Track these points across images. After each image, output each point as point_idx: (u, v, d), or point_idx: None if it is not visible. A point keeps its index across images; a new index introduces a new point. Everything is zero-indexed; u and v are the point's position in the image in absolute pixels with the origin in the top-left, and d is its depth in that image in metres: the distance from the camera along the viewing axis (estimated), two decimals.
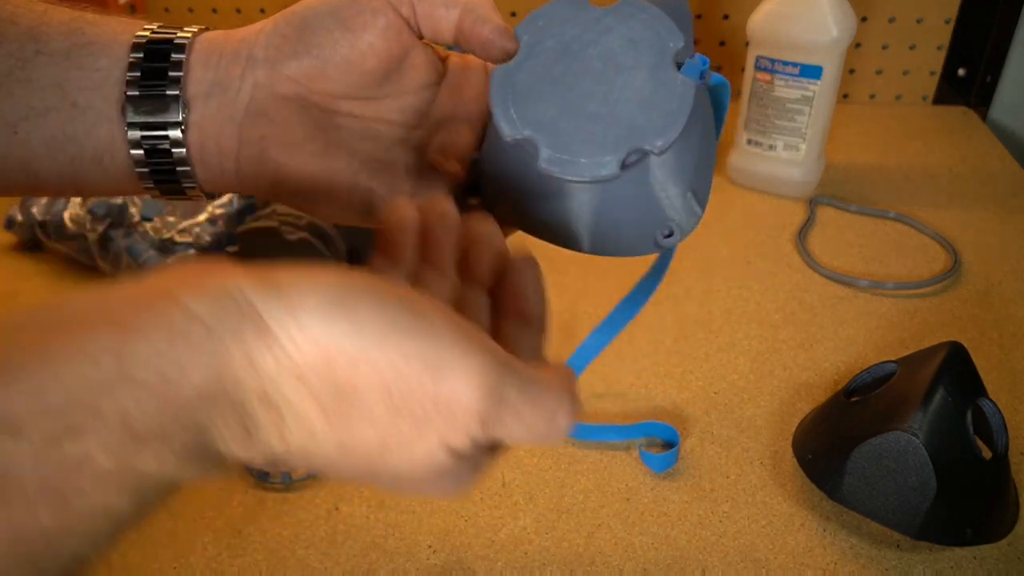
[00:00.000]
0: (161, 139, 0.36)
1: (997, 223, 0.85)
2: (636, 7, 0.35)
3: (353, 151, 0.39)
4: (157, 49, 0.37)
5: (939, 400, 0.51)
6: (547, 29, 0.36)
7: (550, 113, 0.35)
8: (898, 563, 0.52)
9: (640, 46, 0.35)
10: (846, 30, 0.81)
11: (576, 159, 0.34)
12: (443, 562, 0.52)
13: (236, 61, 0.37)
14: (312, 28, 0.37)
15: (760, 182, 0.90)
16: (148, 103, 0.36)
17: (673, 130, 0.34)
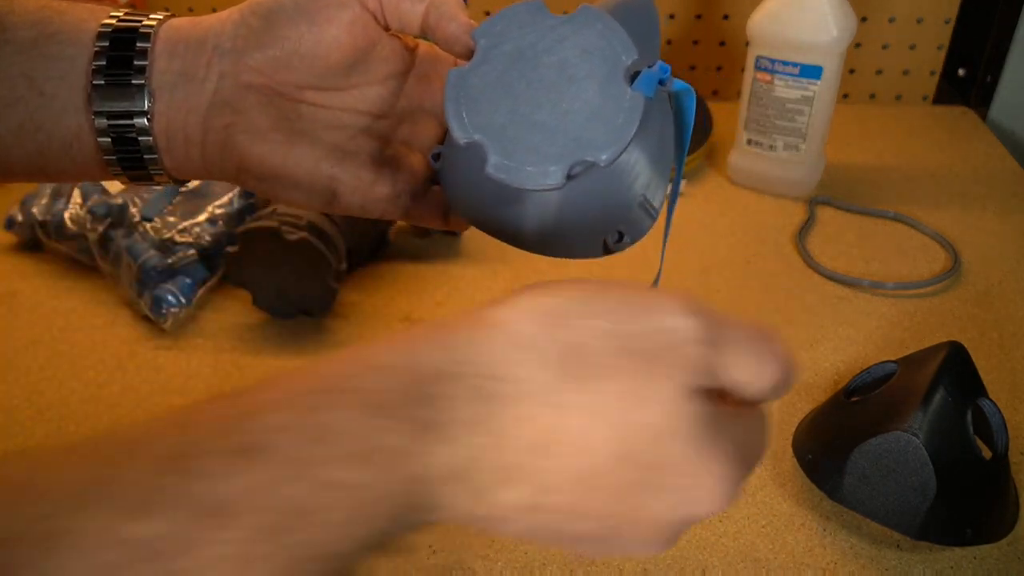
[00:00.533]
0: (127, 127, 0.37)
1: (997, 223, 0.85)
2: (593, 16, 0.36)
3: (317, 140, 0.39)
4: (122, 38, 0.37)
5: (939, 400, 0.51)
6: (504, 34, 0.36)
7: (500, 119, 0.35)
8: (898, 563, 0.52)
9: (593, 57, 0.35)
10: (846, 30, 0.81)
11: (523, 167, 0.35)
12: (443, 562, 0.52)
13: (202, 51, 0.37)
14: (278, 20, 0.37)
15: (760, 182, 0.90)
16: (114, 92, 0.37)
17: (619, 144, 0.34)
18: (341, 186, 0.40)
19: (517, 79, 0.36)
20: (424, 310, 0.73)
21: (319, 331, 0.71)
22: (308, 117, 0.39)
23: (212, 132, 0.38)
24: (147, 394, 0.65)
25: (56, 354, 0.69)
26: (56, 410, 0.64)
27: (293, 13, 0.37)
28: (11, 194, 0.86)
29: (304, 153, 0.39)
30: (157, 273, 0.71)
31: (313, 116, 0.40)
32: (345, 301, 0.74)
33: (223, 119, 0.38)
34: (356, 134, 0.41)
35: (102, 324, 0.72)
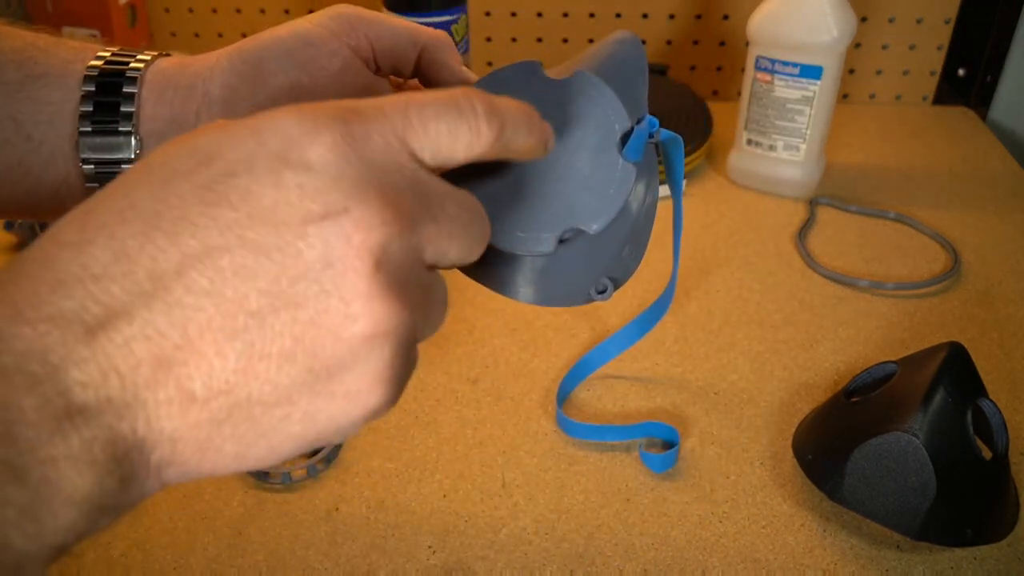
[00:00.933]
0: (115, 175, 0.36)
1: (997, 223, 0.85)
2: (588, 83, 0.36)
3: None
4: (109, 82, 0.36)
5: (939, 400, 0.51)
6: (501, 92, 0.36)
7: (493, 185, 0.36)
8: (898, 564, 0.52)
9: (588, 125, 0.36)
10: (846, 30, 0.81)
11: (514, 232, 0.35)
12: (443, 562, 0.52)
13: (191, 97, 0.37)
14: (268, 70, 0.37)
15: (760, 182, 0.90)
16: (101, 139, 0.36)
17: (609, 213, 0.35)
18: None
19: None
20: None
21: None
22: None
23: None
24: None
25: None
26: None
27: (284, 62, 0.37)
28: None
29: None
30: None
31: None
32: None
33: None
34: None
35: None
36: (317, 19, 0.38)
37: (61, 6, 0.97)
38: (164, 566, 0.52)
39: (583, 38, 1.07)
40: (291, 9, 1.08)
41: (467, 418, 0.63)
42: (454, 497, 0.57)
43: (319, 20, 0.38)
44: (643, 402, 0.64)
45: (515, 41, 1.08)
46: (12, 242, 0.82)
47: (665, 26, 1.06)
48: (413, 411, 0.63)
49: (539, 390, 0.65)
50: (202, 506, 0.56)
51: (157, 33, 1.10)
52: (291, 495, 0.57)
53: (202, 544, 0.53)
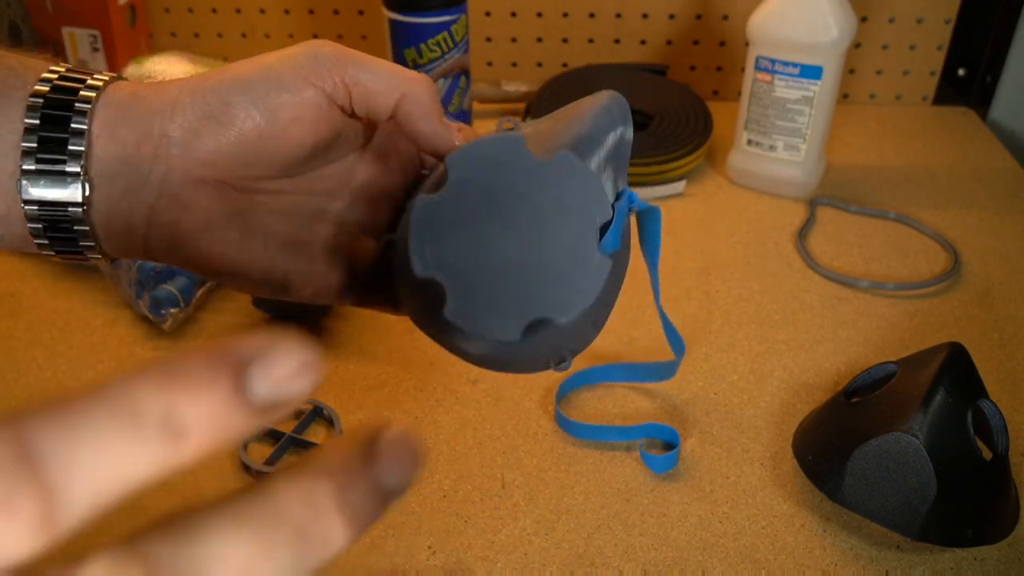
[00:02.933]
0: (61, 217, 0.33)
1: (997, 223, 0.85)
2: (572, 166, 0.34)
3: (270, 235, 0.37)
4: (55, 116, 0.32)
5: (939, 401, 0.51)
6: (479, 168, 0.35)
7: (464, 263, 0.35)
8: (898, 564, 0.52)
9: (568, 213, 0.35)
10: (846, 30, 0.81)
11: (480, 316, 0.34)
12: (443, 562, 0.52)
13: (147, 137, 0.34)
14: (236, 115, 0.34)
15: (760, 182, 0.90)
16: (46, 178, 0.32)
17: (581, 306, 0.34)
18: (295, 280, 0.37)
19: (485, 221, 0.35)
20: None
21: (319, 331, 0.71)
22: (262, 208, 0.37)
23: (158, 227, 0.35)
24: None
25: (56, 354, 0.69)
26: None
27: (251, 108, 0.34)
28: None
29: (257, 251, 0.36)
30: (156, 274, 0.71)
31: (268, 205, 0.37)
32: None
33: (171, 215, 0.34)
34: (310, 220, 0.38)
35: (102, 324, 0.72)
36: (291, 59, 0.35)
37: (61, 6, 0.97)
38: None
39: (583, 38, 1.07)
40: (291, 9, 1.08)
41: (467, 418, 0.63)
42: (454, 497, 0.57)
43: (293, 60, 0.35)
44: (643, 402, 0.64)
45: (515, 41, 1.08)
46: None
47: (665, 26, 1.05)
48: (413, 411, 0.63)
49: (539, 390, 0.65)
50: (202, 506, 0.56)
51: (157, 33, 1.10)
52: None
53: None
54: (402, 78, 0.36)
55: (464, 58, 0.90)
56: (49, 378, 0.67)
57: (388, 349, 0.69)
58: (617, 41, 1.07)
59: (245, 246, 0.36)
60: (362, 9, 1.07)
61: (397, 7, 0.86)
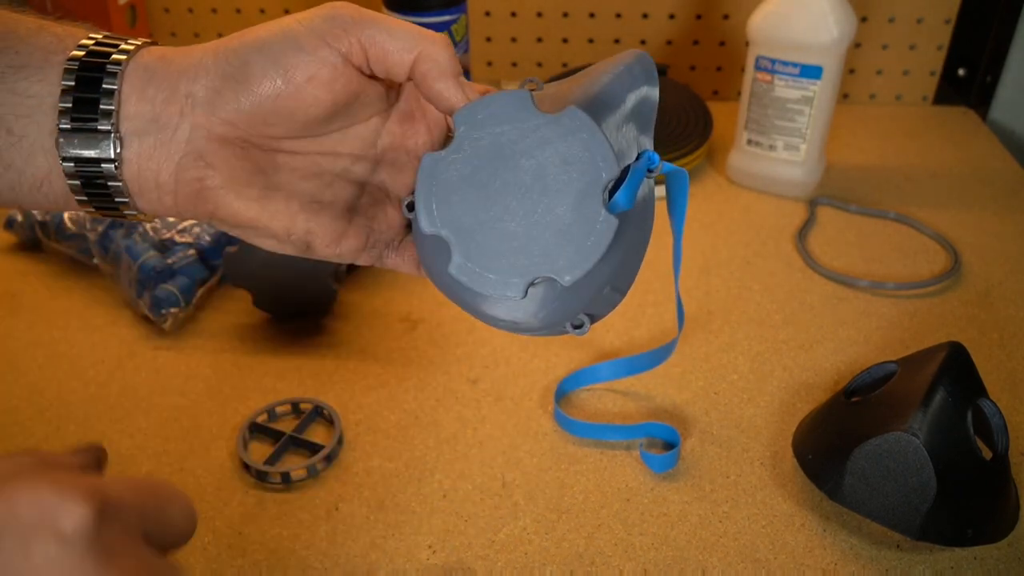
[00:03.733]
0: (96, 174, 0.35)
1: (997, 223, 0.85)
2: (579, 123, 0.34)
3: (292, 193, 0.38)
4: (89, 77, 0.35)
5: (939, 400, 0.51)
6: (486, 124, 0.35)
7: (469, 219, 0.35)
8: (898, 564, 0.52)
9: (573, 169, 0.34)
10: (846, 30, 0.81)
11: (485, 273, 0.34)
12: (443, 562, 0.52)
13: (174, 97, 0.35)
14: (253, 74, 0.35)
15: (760, 182, 0.90)
16: (81, 136, 0.35)
17: (584, 266, 0.34)
18: (316, 239, 0.38)
19: (491, 178, 0.35)
20: (424, 310, 0.73)
21: (319, 331, 0.71)
22: (285, 167, 0.38)
23: (184, 183, 0.36)
24: (146, 394, 0.65)
25: (56, 354, 0.69)
26: (56, 410, 0.64)
27: (270, 68, 0.35)
28: None
29: (279, 208, 0.37)
30: (156, 273, 0.71)
31: (290, 165, 0.38)
32: (345, 301, 0.74)
33: (196, 171, 0.36)
34: (333, 180, 0.39)
35: (102, 324, 0.72)
36: (308, 20, 0.36)
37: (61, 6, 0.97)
38: None
39: (583, 38, 1.07)
40: (291, 9, 1.08)
41: (467, 418, 0.63)
42: (454, 497, 0.57)
43: (310, 22, 0.36)
44: (643, 402, 0.64)
45: (515, 41, 1.08)
46: (12, 242, 0.82)
47: (665, 26, 1.06)
48: (413, 411, 0.63)
49: (539, 390, 0.65)
50: (202, 506, 0.56)
51: (157, 33, 1.10)
52: (291, 495, 0.57)
53: (202, 544, 0.53)
54: (418, 37, 0.36)
55: (464, 58, 0.90)
56: (49, 378, 0.67)
57: (388, 349, 0.69)
58: (617, 41, 1.07)
59: (267, 204, 0.37)
60: None
61: (397, 7, 0.86)
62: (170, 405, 0.64)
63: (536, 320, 0.36)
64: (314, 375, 0.66)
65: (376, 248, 0.41)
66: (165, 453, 0.60)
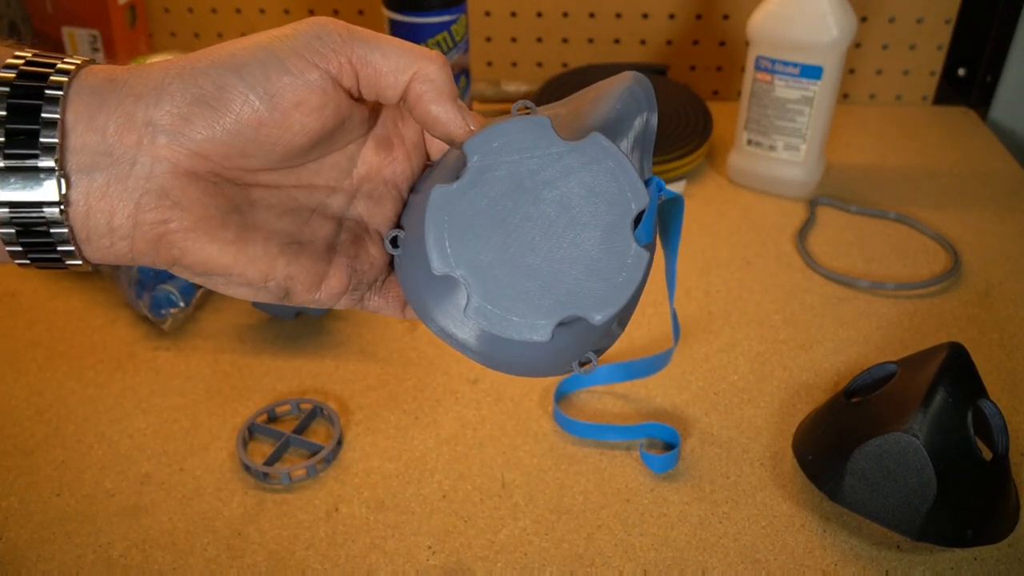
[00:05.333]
0: (36, 220, 0.30)
1: (997, 223, 0.85)
2: (604, 150, 0.32)
3: (271, 235, 0.34)
4: (24, 105, 0.29)
5: (939, 401, 0.51)
6: (502, 154, 0.32)
7: (487, 256, 0.32)
8: (898, 564, 0.52)
9: (600, 200, 0.32)
10: (846, 30, 0.81)
11: (507, 316, 0.32)
12: (443, 563, 0.52)
13: (131, 126, 0.30)
14: (231, 99, 0.31)
15: (760, 182, 0.90)
16: (17, 176, 0.29)
17: (617, 303, 0.32)
18: (296, 284, 0.34)
19: (511, 212, 0.32)
20: None
21: (319, 331, 0.71)
22: (261, 204, 0.34)
23: (143, 226, 0.31)
24: (146, 395, 0.65)
25: (56, 354, 0.69)
26: (56, 410, 0.64)
27: (250, 94, 0.31)
28: None
29: (257, 252, 0.33)
30: (156, 273, 0.71)
31: (267, 201, 0.34)
32: None
33: (158, 213, 0.31)
34: (311, 216, 0.35)
35: (102, 324, 0.72)
36: (291, 38, 0.32)
37: (61, 6, 0.97)
38: (164, 566, 0.52)
39: (583, 38, 1.07)
40: (291, 9, 1.08)
41: (467, 418, 0.63)
42: (454, 497, 0.57)
43: (294, 40, 0.32)
44: (643, 402, 0.64)
45: (515, 41, 1.07)
46: None
47: (665, 26, 1.05)
48: (413, 411, 0.63)
49: (539, 390, 0.65)
50: (202, 506, 0.56)
51: (157, 33, 1.10)
52: (291, 495, 0.57)
53: (202, 544, 0.53)
54: (413, 56, 0.33)
55: (464, 58, 0.90)
56: (49, 378, 0.66)
57: (388, 349, 0.69)
58: (617, 41, 1.07)
59: (244, 247, 0.33)
60: (362, 9, 1.07)
61: (397, 7, 0.86)
62: (170, 405, 0.64)
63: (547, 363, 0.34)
64: (314, 375, 0.66)
65: (358, 291, 0.37)
66: (165, 453, 0.60)
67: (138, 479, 0.58)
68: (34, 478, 0.58)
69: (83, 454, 0.60)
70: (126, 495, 0.57)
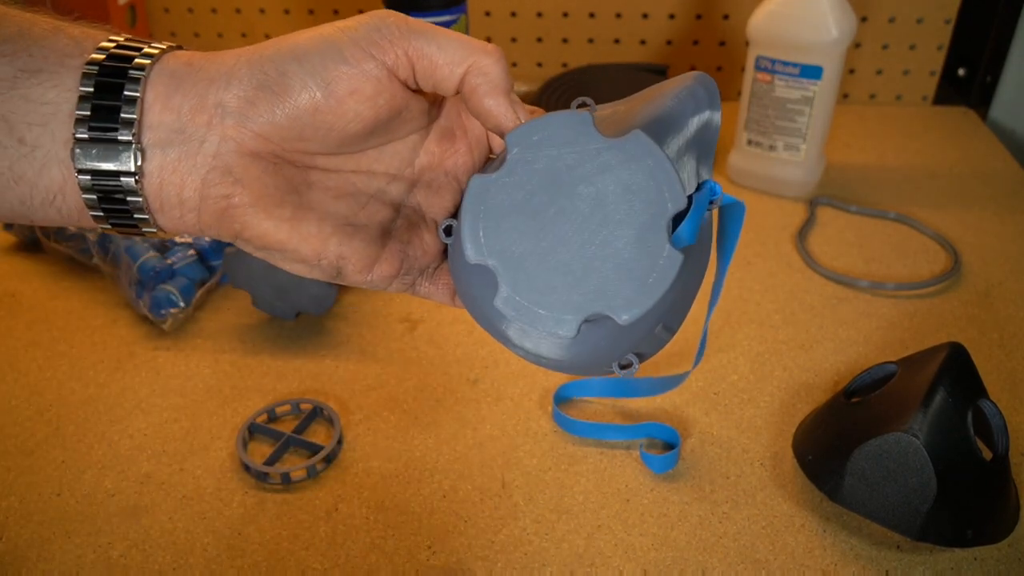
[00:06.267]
0: (114, 188, 0.33)
1: (997, 223, 0.85)
2: (643, 148, 0.31)
3: (325, 215, 0.36)
4: (109, 83, 0.32)
5: (939, 401, 0.51)
6: (541, 147, 0.32)
7: (519, 248, 0.32)
8: (898, 564, 0.52)
9: (636, 199, 0.31)
10: (846, 30, 0.81)
11: (535, 308, 0.32)
12: (443, 563, 0.52)
13: (202, 106, 0.33)
14: (292, 85, 0.33)
15: (760, 182, 0.90)
16: (99, 147, 0.32)
17: (645, 305, 0.31)
18: (348, 264, 0.36)
19: (546, 205, 0.32)
20: (424, 310, 0.73)
21: (319, 331, 0.71)
22: (318, 185, 0.36)
23: (210, 200, 0.34)
24: (146, 395, 0.65)
25: (56, 354, 0.69)
26: (56, 410, 0.64)
27: (309, 81, 0.33)
28: None
29: (311, 231, 0.35)
30: (156, 274, 0.71)
31: (324, 184, 0.36)
32: (345, 301, 0.74)
33: (223, 188, 0.34)
34: (368, 201, 0.37)
35: (102, 324, 0.72)
36: (352, 29, 0.34)
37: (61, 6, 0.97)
38: (164, 567, 0.52)
39: (583, 38, 1.07)
40: (291, 9, 1.08)
41: (467, 418, 0.63)
42: (454, 498, 0.57)
43: (354, 31, 0.34)
44: (643, 402, 0.64)
45: (515, 41, 1.08)
46: (12, 242, 0.82)
47: (665, 26, 1.05)
48: (413, 411, 0.63)
49: (539, 390, 0.65)
50: (202, 506, 0.56)
51: (157, 33, 1.10)
52: (291, 495, 0.57)
53: (202, 544, 0.53)
54: (470, 48, 0.34)
55: None
56: (49, 378, 0.67)
57: (388, 349, 0.69)
58: (617, 41, 1.07)
59: (298, 225, 0.35)
60: (362, 9, 1.07)
61: (397, 7, 0.86)
62: (170, 405, 0.64)
63: (583, 360, 0.34)
64: (314, 375, 0.66)
65: (409, 275, 0.38)
66: (165, 453, 0.60)
67: (138, 479, 0.58)
68: (34, 478, 0.58)
69: (83, 454, 0.60)
70: (126, 495, 0.57)
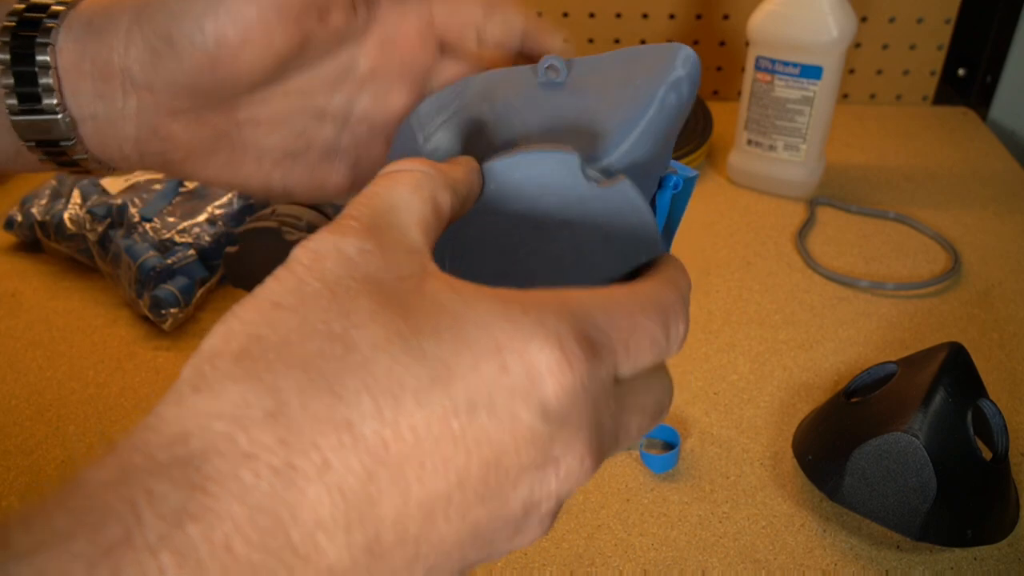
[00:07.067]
0: (60, 152, 0.33)
1: (997, 223, 0.85)
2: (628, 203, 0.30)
3: (262, 152, 0.35)
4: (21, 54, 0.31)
5: (939, 401, 0.51)
6: (522, 187, 0.30)
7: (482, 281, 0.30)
8: (898, 564, 0.52)
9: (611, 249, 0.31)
10: (846, 30, 0.81)
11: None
12: None
13: (110, 74, 0.32)
14: (179, 49, 0.31)
15: (760, 182, 0.90)
16: (29, 118, 0.32)
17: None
18: (296, 189, 0.36)
19: (519, 244, 0.31)
20: None
21: None
22: (249, 123, 0.34)
23: (148, 156, 0.34)
24: (146, 395, 0.65)
25: (56, 354, 0.69)
26: (56, 410, 0.64)
27: (194, 38, 0.31)
28: (11, 194, 0.86)
29: (250, 170, 0.35)
30: (156, 273, 0.71)
31: (255, 119, 0.34)
32: None
33: (155, 145, 0.33)
34: (306, 127, 0.35)
35: (102, 324, 0.72)
36: None
37: None
38: None
39: (583, 38, 1.07)
40: None
41: None
42: None
43: None
44: None
45: None
46: (12, 242, 0.82)
47: (665, 26, 1.05)
48: None
49: None
50: None
51: None
52: None
53: None
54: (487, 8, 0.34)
55: None
56: (49, 378, 0.66)
57: None
58: (617, 41, 1.07)
59: (237, 168, 0.35)
60: None
61: None
62: None
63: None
64: None
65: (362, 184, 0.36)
66: None
67: None
68: (34, 478, 0.58)
69: (83, 454, 0.60)
70: None
